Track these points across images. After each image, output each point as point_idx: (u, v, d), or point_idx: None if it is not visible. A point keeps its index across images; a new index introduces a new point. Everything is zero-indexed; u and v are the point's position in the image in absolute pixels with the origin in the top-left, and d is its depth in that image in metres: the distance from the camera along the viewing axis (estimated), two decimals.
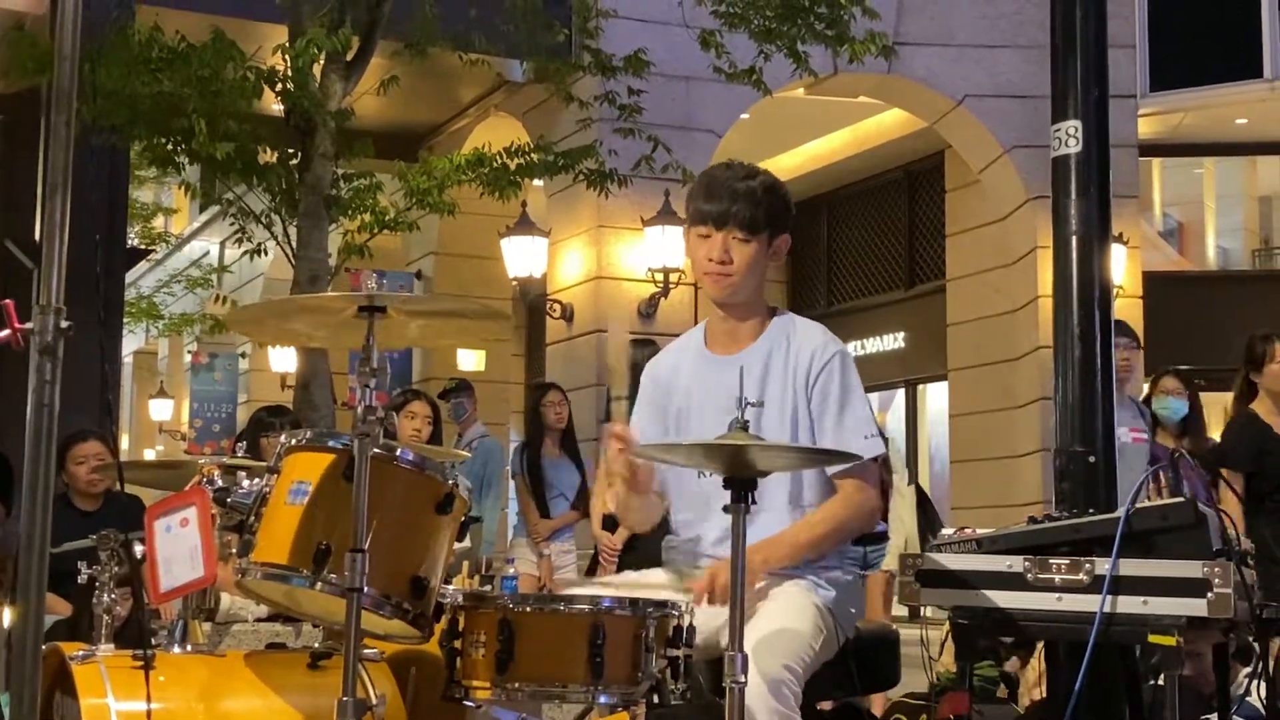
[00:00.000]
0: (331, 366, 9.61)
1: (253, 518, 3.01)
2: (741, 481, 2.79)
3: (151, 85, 8.98)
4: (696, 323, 3.64)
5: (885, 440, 3.56)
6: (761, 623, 3.03)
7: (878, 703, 5.88)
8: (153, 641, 3.19)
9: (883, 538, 7.05)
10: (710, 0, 10.42)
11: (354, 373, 2.94)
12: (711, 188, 3.39)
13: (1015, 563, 3.23)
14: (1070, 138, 4.03)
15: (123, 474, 3.18)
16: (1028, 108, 12.86)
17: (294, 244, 9.57)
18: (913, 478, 16.70)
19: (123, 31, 9.28)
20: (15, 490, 6.19)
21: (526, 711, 2.91)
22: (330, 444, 3.00)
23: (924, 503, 7.63)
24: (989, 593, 3.25)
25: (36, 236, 11.16)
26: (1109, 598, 3.07)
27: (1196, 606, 3.01)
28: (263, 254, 10.42)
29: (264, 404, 8.38)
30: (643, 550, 6.07)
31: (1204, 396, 7.18)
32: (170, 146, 9.56)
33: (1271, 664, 3.53)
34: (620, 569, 6.18)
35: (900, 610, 11.63)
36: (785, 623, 3.08)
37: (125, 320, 16.33)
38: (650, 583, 3.34)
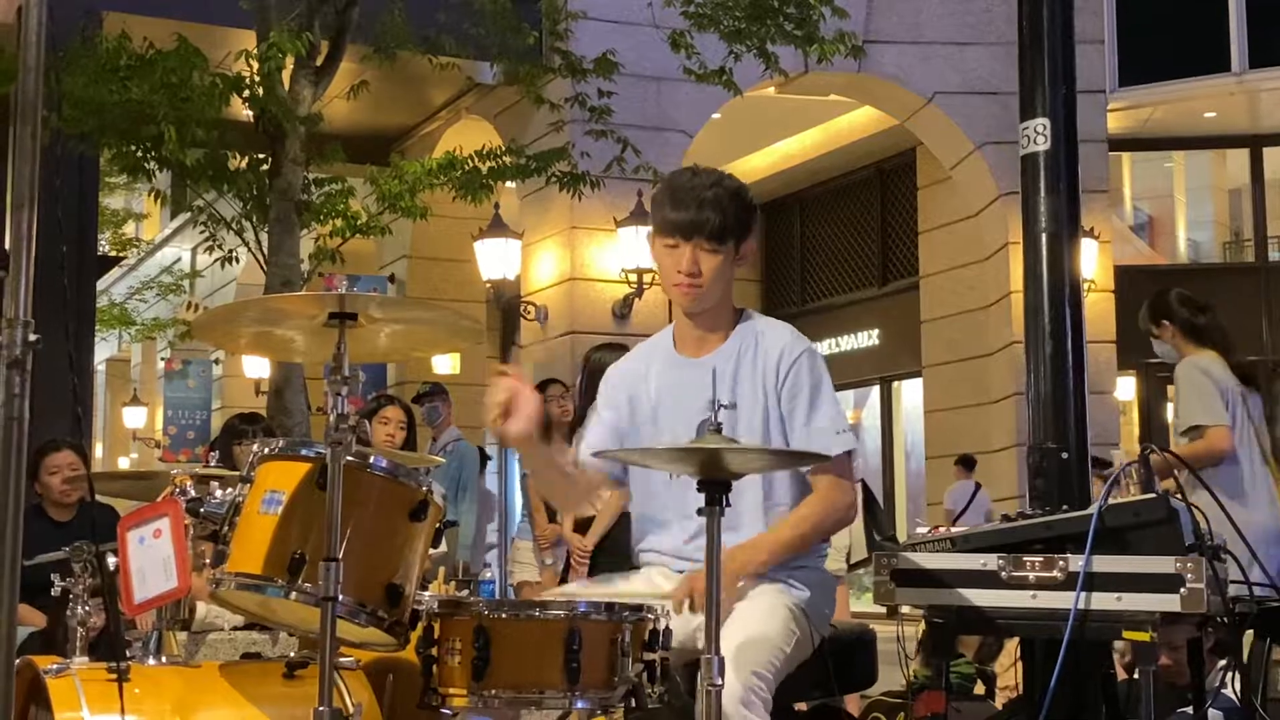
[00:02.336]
0: (306, 371, 9.58)
1: (226, 528, 3.00)
2: (715, 484, 2.78)
3: (120, 93, 8.94)
4: (670, 322, 3.62)
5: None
6: (732, 629, 3.02)
7: (852, 702, 5.88)
8: (127, 653, 3.18)
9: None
10: (679, 1, 10.42)
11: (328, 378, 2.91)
12: (677, 197, 3.34)
13: (990, 561, 3.24)
14: (1039, 135, 4.04)
15: (93, 485, 3.16)
16: (998, 104, 12.91)
17: (265, 250, 9.53)
18: (885, 474, 16.79)
19: (90, 39, 9.24)
20: None
21: (504, 718, 2.90)
22: (303, 453, 2.99)
23: (870, 502, 7.56)
24: (964, 591, 3.25)
25: (7, 245, 11.10)
26: (1083, 595, 3.08)
27: (1170, 602, 3.02)
28: (234, 261, 10.38)
29: (238, 410, 8.36)
30: (614, 552, 6.06)
31: (1172, 390, 7.14)
32: (140, 154, 9.52)
33: (1245, 657, 3.55)
34: (592, 571, 6.17)
35: (866, 608, 11.67)
36: (755, 628, 3.07)
37: (97, 328, 16.25)
38: (628, 590, 3.34)
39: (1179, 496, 3.24)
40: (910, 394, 17.06)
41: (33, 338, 2.23)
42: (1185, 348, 5.85)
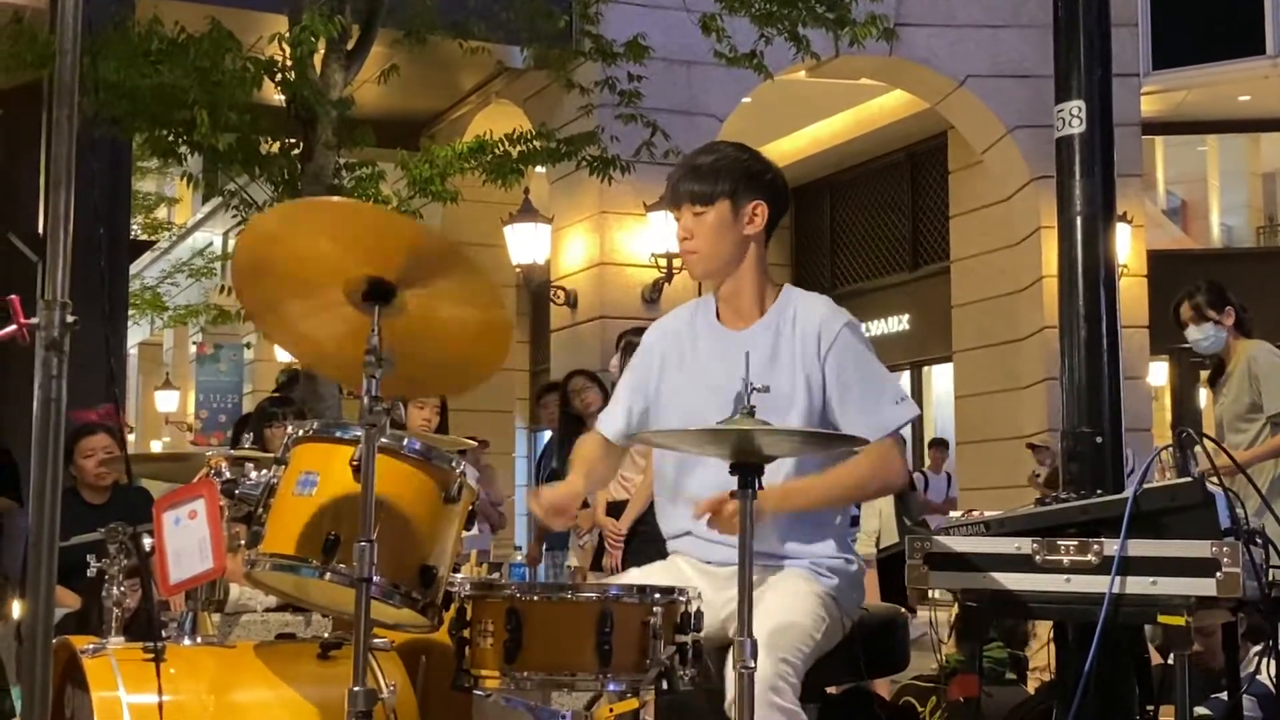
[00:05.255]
0: None
1: (261, 509, 3.01)
2: (748, 466, 2.78)
3: (152, 77, 8.97)
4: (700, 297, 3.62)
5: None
6: (761, 616, 3.01)
7: (882, 686, 5.87)
8: (163, 634, 3.19)
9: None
10: None
11: None
12: (673, 171, 3.46)
13: (1023, 545, 3.23)
14: (1074, 118, 4.02)
15: (130, 467, 3.19)
16: (1030, 88, 12.84)
17: None
18: (917, 461, 16.73)
19: (122, 24, 9.27)
20: (23, 483, 6.21)
21: (535, 700, 2.90)
22: (338, 435, 3.00)
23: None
24: (997, 575, 3.24)
25: (39, 230, 11.17)
26: (1118, 579, 3.07)
27: (1205, 586, 3.00)
28: None
29: (269, 394, 8.39)
30: (647, 536, 6.07)
31: (1205, 375, 7.15)
32: (171, 138, 9.55)
33: None
34: (625, 554, 6.19)
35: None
36: (785, 616, 3.07)
37: (130, 312, 16.33)
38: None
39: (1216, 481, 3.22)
40: (941, 379, 17.01)
41: (70, 319, 2.24)
42: (1237, 337, 6.38)
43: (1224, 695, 3.98)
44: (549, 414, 8.44)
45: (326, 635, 3.34)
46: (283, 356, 17.55)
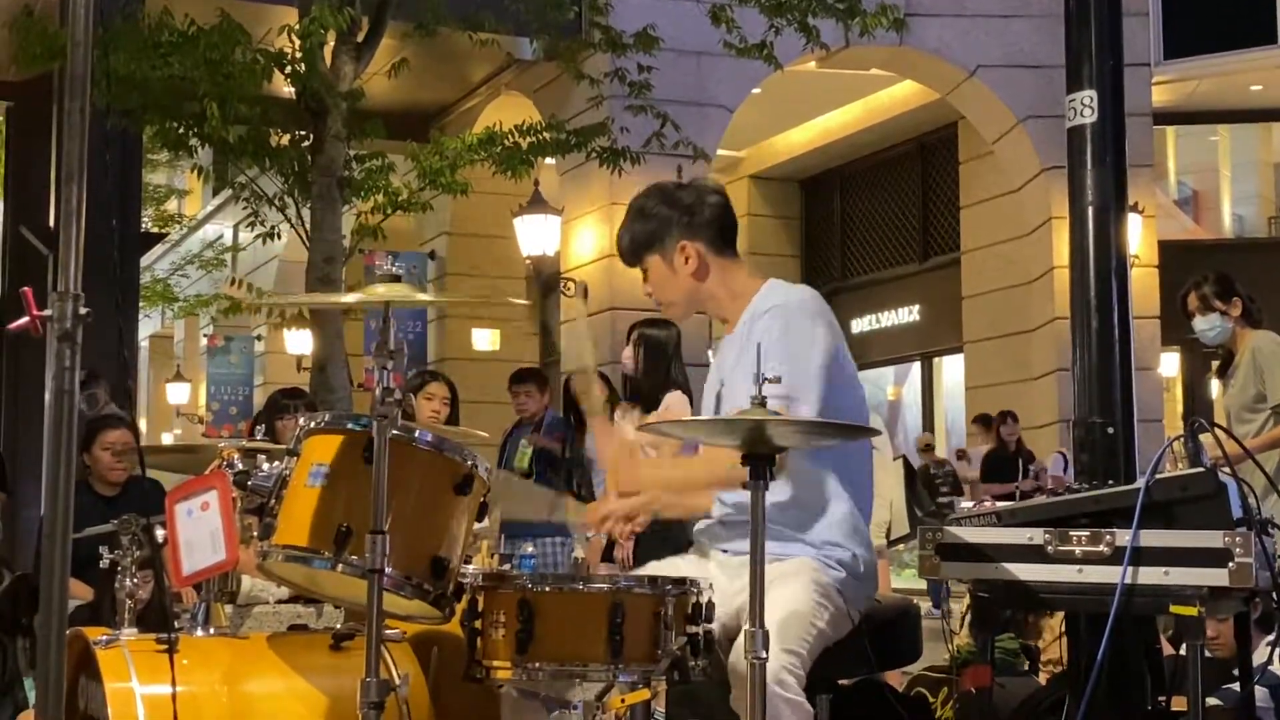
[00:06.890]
0: (347, 348, 9.62)
1: (273, 500, 3.02)
2: (759, 457, 2.78)
3: (162, 69, 8.98)
4: None
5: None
6: (766, 608, 3.01)
7: (894, 677, 5.87)
8: (175, 625, 3.20)
9: None
10: None
11: (370, 354, 2.92)
12: None
13: (1036, 535, 3.22)
14: (1085, 107, 4.01)
15: (144, 460, 3.19)
16: (1041, 78, 12.81)
17: (307, 226, 9.57)
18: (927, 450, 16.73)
19: (132, 16, 9.28)
20: (8, 473, 6.21)
21: (547, 691, 2.91)
22: (349, 426, 3.01)
23: (911, 478, 7.49)
24: (1009, 565, 3.24)
25: (50, 223, 11.19)
26: (1130, 569, 3.07)
27: (1218, 576, 3.00)
28: (276, 237, 10.43)
29: (280, 386, 8.39)
30: (659, 531, 6.06)
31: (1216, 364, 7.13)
32: (182, 130, 9.57)
33: None
34: (637, 547, 6.18)
35: (907, 584, 11.65)
36: (786, 606, 3.05)
37: (141, 304, 16.37)
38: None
39: (1229, 471, 3.22)
40: (951, 370, 16.99)
41: (82, 311, 2.24)
42: (1244, 327, 6.34)
43: (1236, 686, 3.97)
44: (520, 404, 8.42)
45: (338, 626, 3.35)
46: (294, 349, 17.58)
